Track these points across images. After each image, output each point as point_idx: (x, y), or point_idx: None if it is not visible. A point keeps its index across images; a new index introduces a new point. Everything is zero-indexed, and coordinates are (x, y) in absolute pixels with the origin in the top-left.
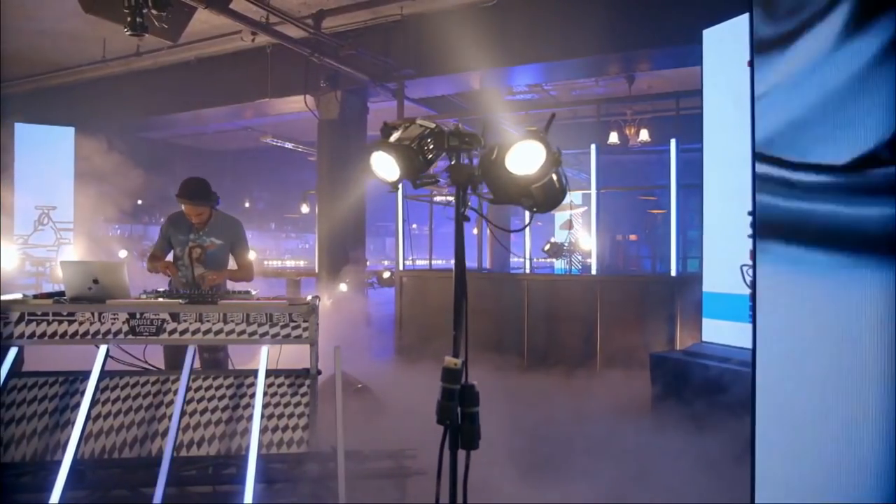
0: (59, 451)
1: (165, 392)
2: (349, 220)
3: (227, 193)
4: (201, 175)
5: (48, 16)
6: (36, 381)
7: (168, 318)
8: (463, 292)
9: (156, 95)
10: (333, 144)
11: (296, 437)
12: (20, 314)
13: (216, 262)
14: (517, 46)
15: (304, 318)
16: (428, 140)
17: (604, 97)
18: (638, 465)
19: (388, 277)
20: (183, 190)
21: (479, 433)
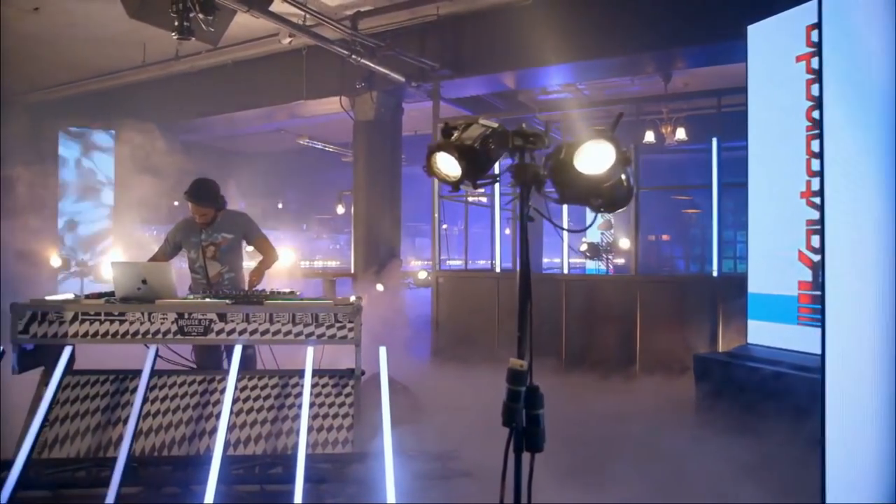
0: (111, 448)
1: (212, 391)
2: (385, 221)
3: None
4: (231, 177)
5: (92, 22)
6: (88, 378)
7: (216, 319)
8: (527, 293)
9: (193, 99)
10: (369, 145)
11: (340, 437)
12: (74, 314)
13: (230, 257)
14: (553, 46)
15: (350, 318)
16: (490, 139)
17: (639, 96)
18: (685, 468)
19: (425, 278)
20: (190, 189)
21: (543, 435)
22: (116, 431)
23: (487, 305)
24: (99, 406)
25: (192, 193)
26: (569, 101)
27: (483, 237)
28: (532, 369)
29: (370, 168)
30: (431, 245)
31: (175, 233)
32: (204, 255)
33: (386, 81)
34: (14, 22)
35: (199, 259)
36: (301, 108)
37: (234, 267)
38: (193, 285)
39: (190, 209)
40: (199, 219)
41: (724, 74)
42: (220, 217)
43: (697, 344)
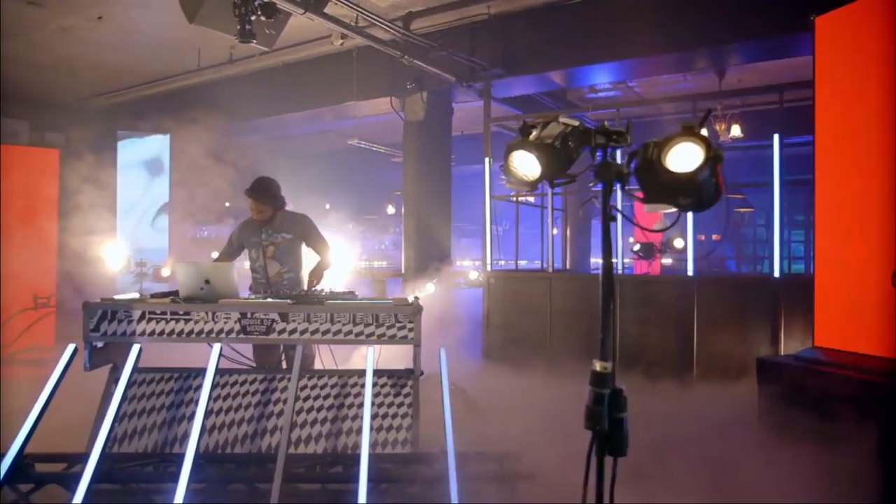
0: (176, 444)
1: (272, 390)
2: (435, 221)
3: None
4: (280, 177)
5: (152, 29)
6: (153, 376)
7: (277, 318)
8: (610, 293)
9: (245, 102)
10: (419, 145)
11: (400, 437)
12: (141, 313)
13: (289, 257)
14: (604, 43)
15: (410, 318)
16: (570, 138)
17: (692, 92)
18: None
19: (476, 278)
20: (251, 186)
21: (627, 439)
22: (181, 428)
23: (539, 306)
24: (164, 403)
25: (252, 190)
26: (619, 99)
27: (527, 237)
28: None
29: (420, 168)
30: (482, 245)
31: (237, 233)
32: (264, 255)
33: (436, 82)
34: (79, 31)
35: (260, 259)
36: (350, 109)
37: (294, 267)
38: (254, 285)
39: (249, 207)
40: (257, 216)
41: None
42: (280, 217)
43: (758, 347)
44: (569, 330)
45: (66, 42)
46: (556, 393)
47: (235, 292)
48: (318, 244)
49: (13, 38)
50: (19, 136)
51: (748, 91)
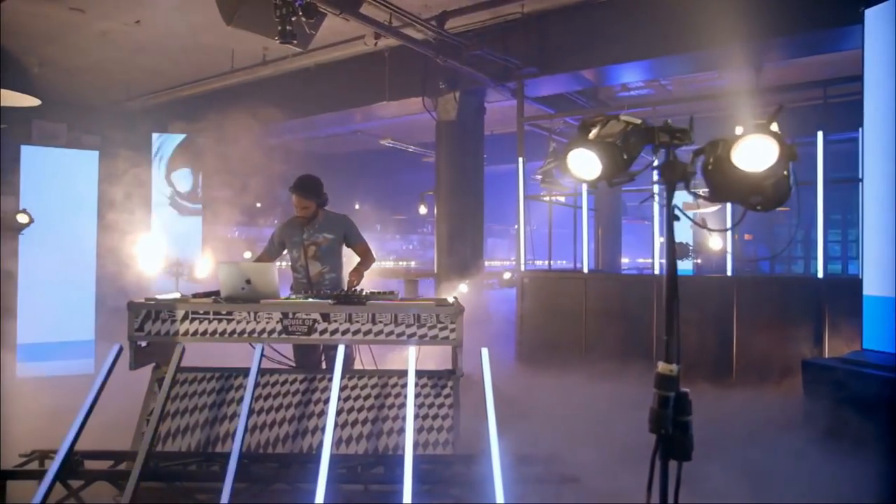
0: (218, 444)
1: (312, 390)
2: (468, 221)
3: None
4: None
5: (186, 33)
6: (195, 376)
7: (319, 319)
8: (674, 294)
9: (277, 103)
10: (452, 145)
11: (441, 438)
12: (184, 312)
13: (330, 257)
14: (639, 40)
15: (452, 319)
16: (632, 136)
17: (728, 90)
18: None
19: (510, 278)
20: (295, 183)
21: (692, 444)
22: (223, 428)
23: (574, 307)
24: (206, 402)
25: (296, 186)
26: (650, 98)
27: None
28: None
29: (453, 168)
30: (516, 245)
31: (278, 233)
32: (305, 255)
33: (469, 81)
34: (117, 35)
35: (301, 258)
36: (379, 110)
37: (335, 267)
38: (295, 285)
39: (293, 203)
40: (301, 212)
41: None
42: (321, 217)
43: (801, 349)
44: (604, 331)
45: (104, 46)
46: (595, 395)
47: (276, 292)
48: (358, 244)
49: (54, 43)
50: (58, 139)
51: (789, 87)
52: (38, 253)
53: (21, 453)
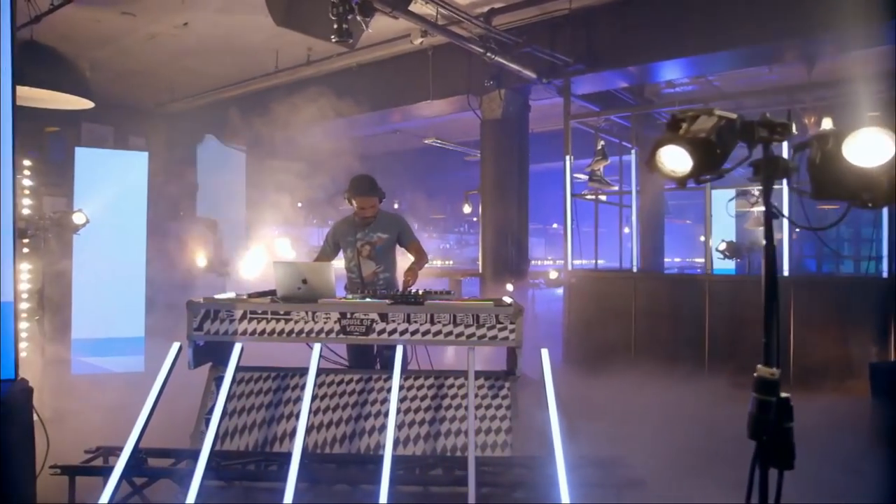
0: (276, 443)
1: (369, 391)
2: (513, 220)
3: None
4: (347, 178)
5: (231, 34)
6: (251, 375)
7: (377, 319)
8: (773, 295)
9: (320, 103)
10: (497, 143)
11: (499, 440)
12: (243, 312)
13: (384, 256)
14: (689, 36)
15: (511, 319)
16: (726, 131)
17: (777, 85)
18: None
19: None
20: (353, 186)
21: (793, 451)
22: (280, 427)
23: (623, 307)
24: (263, 402)
25: (357, 188)
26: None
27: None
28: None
29: (498, 167)
30: (563, 244)
31: (332, 233)
32: (359, 255)
33: (515, 79)
34: (165, 37)
35: (355, 258)
36: (422, 109)
37: (389, 267)
38: (349, 284)
39: (355, 205)
40: (368, 212)
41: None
42: (378, 215)
43: (863, 352)
44: (655, 332)
45: (152, 49)
46: (647, 397)
47: (333, 292)
48: (412, 244)
49: (105, 47)
50: (105, 141)
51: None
52: (91, 252)
53: (86, 449)
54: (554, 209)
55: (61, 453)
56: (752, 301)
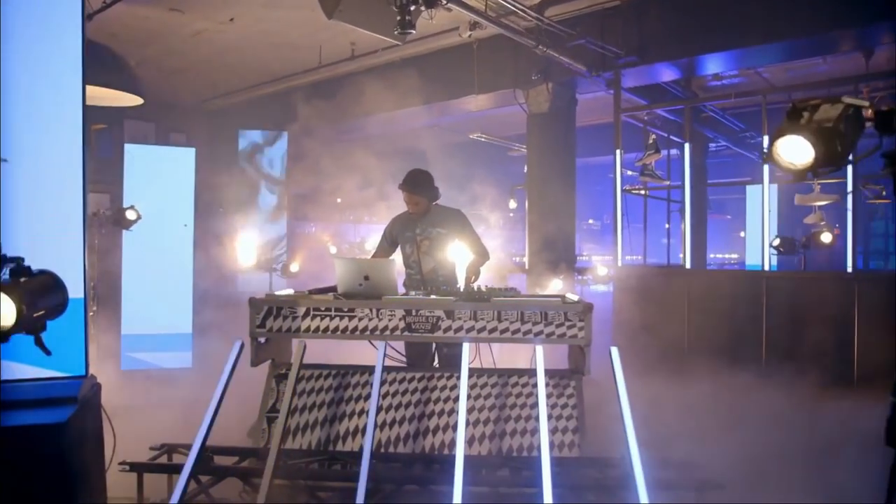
0: (338, 442)
1: (431, 389)
2: (560, 215)
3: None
4: (388, 174)
5: (275, 29)
6: (311, 372)
7: (443, 316)
8: None
9: (361, 98)
10: (544, 138)
11: (566, 440)
12: (306, 309)
13: (444, 252)
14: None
15: (580, 317)
16: (853, 120)
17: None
18: None
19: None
20: (405, 178)
21: None
22: (342, 426)
23: (676, 304)
24: (324, 400)
25: (406, 182)
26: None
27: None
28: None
29: (545, 161)
30: (613, 240)
31: (390, 228)
32: (418, 250)
33: (563, 72)
34: (211, 33)
35: (414, 254)
36: (466, 104)
37: (449, 262)
38: (408, 281)
39: (404, 200)
40: (412, 208)
41: None
42: (434, 211)
43: None
44: (709, 330)
45: (197, 45)
46: (707, 396)
47: (395, 289)
48: (471, 239)
49: (151, 44)
50: (147, 138)
51: None
52: (139, 247)
53: (151, 446)
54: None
55: (122, 449)
56: (812, 298)
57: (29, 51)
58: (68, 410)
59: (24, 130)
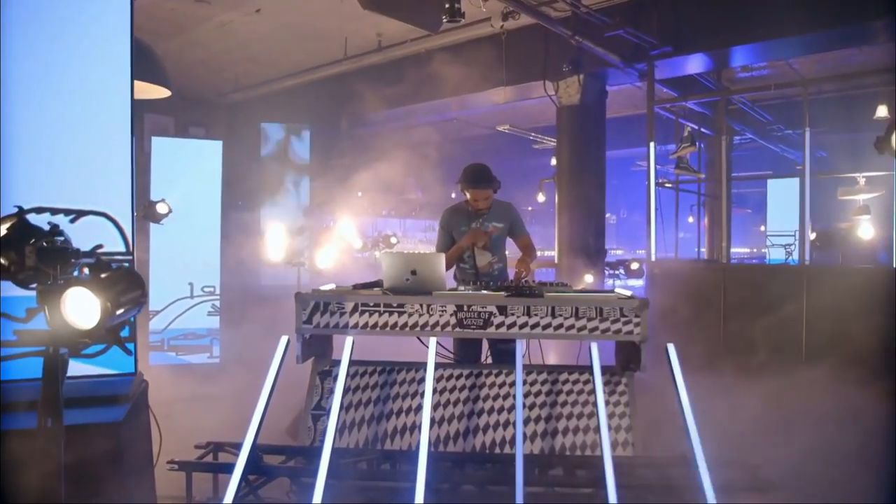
0: (387, 440)
1: (480, 386)
2: (590, 208)
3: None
4: (410, 167)
5: (302, 21)
6: (356, 369)
7: (495, 312)
8: None
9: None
10: (574, 131)
11: (619, 438)
12: (354, 304)
13: (499, 247)
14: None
15: (636, 313)
16: None
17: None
18: None
19: (637, 268)
20: (468, 176)
21: None
22: (391, 424)
23: (712, 299)
24: (371, 397)
25: (472, 179)
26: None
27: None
28: None
29: (575, 154)
30: (647, 234)
31: (446, 221)
32: (474, 244)
33: (594, 63)
34: (237, 25)
35: (469, 248)
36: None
37: (503, 257)
38: (459, 274)
39: (469, 197)
40: (483, 204)
41: None
42: (491, 206)
43: None
44: (746, 326)
45: (222, 37)
46: (748, 393)
47: (443, 284)
48: (522, 237)
49: (175, 37)
50: (167, 131)
51: None
52: (166, 241)
53: (196, 444)
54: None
55: (164, 447)
56: (853, 293)
57: (79, 44)
58: (123, 408)
59: (75, 125)
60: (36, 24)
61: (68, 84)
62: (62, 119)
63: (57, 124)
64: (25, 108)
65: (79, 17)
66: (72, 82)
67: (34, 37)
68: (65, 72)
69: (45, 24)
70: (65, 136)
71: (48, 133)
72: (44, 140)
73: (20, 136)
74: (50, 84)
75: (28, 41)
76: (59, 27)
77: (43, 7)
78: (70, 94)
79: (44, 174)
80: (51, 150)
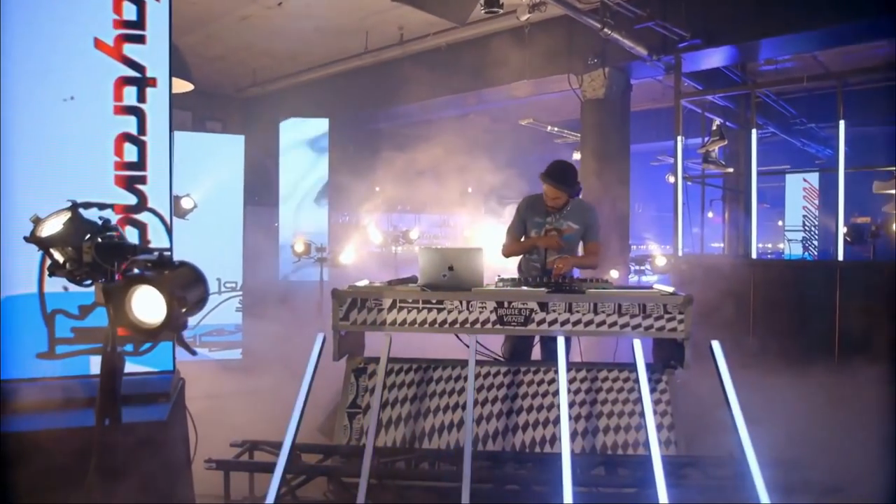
0: (424, 439)
1: (518, 384)
2: (615, 203)
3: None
4: (427, 162)
5: (323, 14)
6: (391, 367)
7: (536, 308)
8: None
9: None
10: (599, 124)
11: (662, 437)
12: (392, 301)
13: (570, 248)
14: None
15: (680, 310)
16: None
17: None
18: None
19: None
20: (548, 170)
21: None
22: (428, 422)
23: (741, 294)
24: (407, 395)
25: (549, 174)
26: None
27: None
28: None
29: (600, 148)
30: (673, 228)
31: (523, 210)
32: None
33: (620, 56)
34: (257, 19)
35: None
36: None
37: None
38: (524, 266)
39: (545, 190)
40: (550, 202)
41: None
42: (570, 204)
43: None
44: (777, 323)
45: (242, 32)
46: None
47: (481, 280)
48: (594, 240)
49: (194, 32)
50: (184, 126)
51: None
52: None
53: (232, 443)
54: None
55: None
56: (888, 289)
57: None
58: (166, 407)
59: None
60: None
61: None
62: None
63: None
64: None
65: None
66: None
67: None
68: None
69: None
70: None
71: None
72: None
73: (55, 134)
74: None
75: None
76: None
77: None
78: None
79: (82, 170)
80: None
